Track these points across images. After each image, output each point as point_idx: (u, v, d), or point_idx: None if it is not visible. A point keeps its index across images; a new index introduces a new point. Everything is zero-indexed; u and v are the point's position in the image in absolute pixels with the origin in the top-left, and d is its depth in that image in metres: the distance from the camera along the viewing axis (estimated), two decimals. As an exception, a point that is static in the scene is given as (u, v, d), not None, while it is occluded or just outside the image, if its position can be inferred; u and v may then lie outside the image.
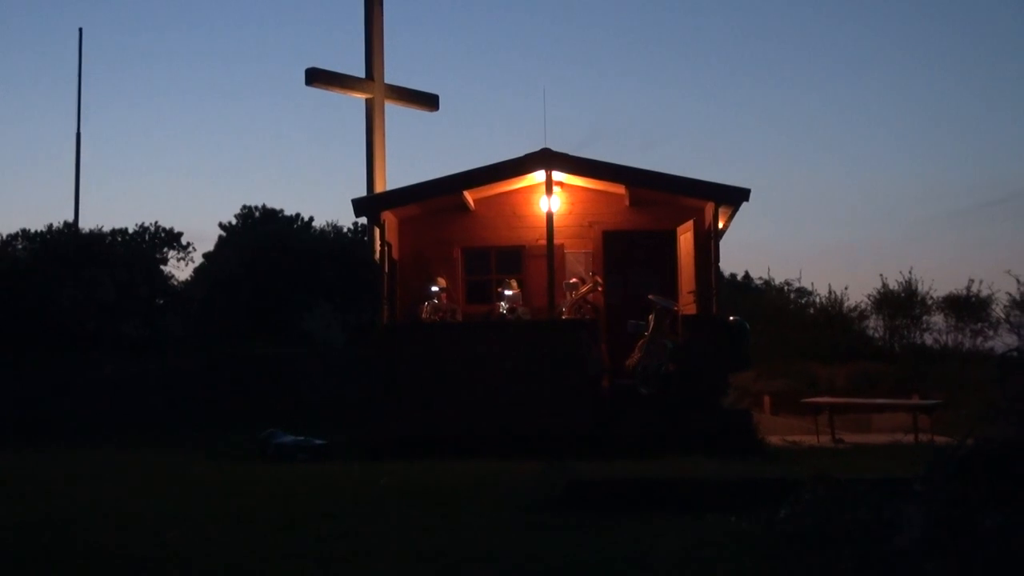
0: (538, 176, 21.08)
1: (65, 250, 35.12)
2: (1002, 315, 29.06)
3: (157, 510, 12.03)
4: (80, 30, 40.77)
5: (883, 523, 8.50)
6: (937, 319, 29.25)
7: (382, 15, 24.26)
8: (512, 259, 21.99)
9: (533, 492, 12.09)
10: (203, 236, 48.98)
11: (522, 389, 18.72)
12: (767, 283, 33.11)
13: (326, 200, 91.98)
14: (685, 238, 21.52)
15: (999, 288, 29.53)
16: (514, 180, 21.50)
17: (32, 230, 36.58)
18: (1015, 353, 28.06)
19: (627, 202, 21.78)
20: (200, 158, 66.64)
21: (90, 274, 33.06)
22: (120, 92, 63.79)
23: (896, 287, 29.39)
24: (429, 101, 25.11)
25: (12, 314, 31.83)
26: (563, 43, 65.87)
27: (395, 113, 24.60)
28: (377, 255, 21.66)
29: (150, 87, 65.58)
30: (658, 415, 18.67)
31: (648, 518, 10.20)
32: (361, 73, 23.97)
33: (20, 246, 35.70)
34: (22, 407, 26.07)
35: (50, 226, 37.05)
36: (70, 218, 37.82)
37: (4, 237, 35.75)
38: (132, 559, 8.94)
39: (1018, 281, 29.10)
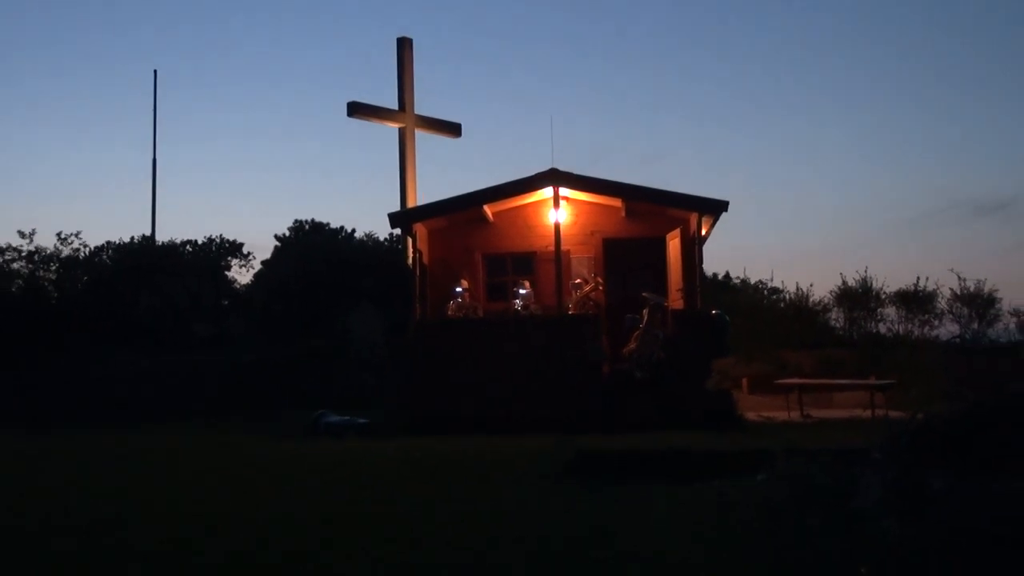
0: (547, 192, 21.17)
1: (143, 259, 35.19)
2: (946, 307, 28.97)
3: (245, 477, 12.11)
4: (155, 72, 40.88)
5: (846, 487, 8.49)
6: (890, 311, 29.12)
7: (412, 57, 24.32)
8: (525, 263, 22.02)
9: (547, 463, 12.11)
10: (261, 246, 49.24)
11: (535, 375, 18.73)
12: (744, 282, 33.06)
13: (365, 214, 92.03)
14: (673, 243, 21.55)
15: (943, 284, 29.47)
16: (526, 195, 21.56)
17: (116, 242, 36.63)
18: (957, 340, 28.15)
19: (623, 213, 21.82)
20: (258, 178, 66.75)
21: (165, 280, 33.14)
22: (190, 123, 63.83)
23: (854, 284, 29.29)
24: (453, 129, 25.13)
25: (99, 314, 31.93)
26: (570, 71, 65.77)
27: (422, 138, 24.61)
28: (410, 261, 21.72)
29: (216, 119, 65.63)
30: (651, 396, 18.67)
31: (644, 484, 10.21)
32: (394, 105, 24.00)
33: (106, 256, 35.74)
34: (110, 394, 26.14)
35: (131, 239, 37.12)
36: (148, 232, 37.93)
37: (92, 249, 35.77)
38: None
39: (959, 278, 29.15)
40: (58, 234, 35.25)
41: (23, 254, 34.40)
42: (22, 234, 34.45)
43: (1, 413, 24.94)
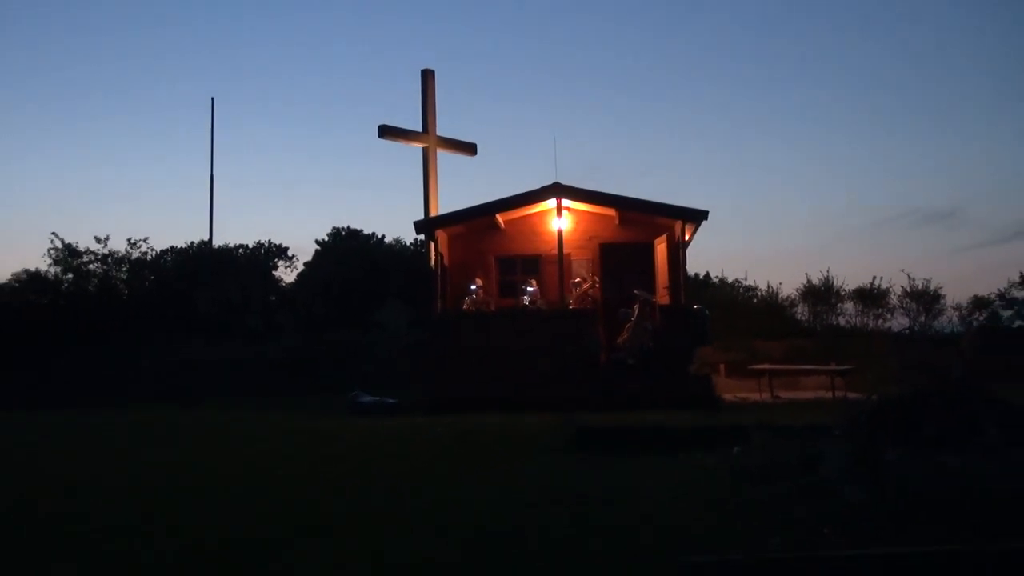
0: (550, 203, 21.19)
1: (202, 261, 35.27)
2: (897, 303, 29.01)
3: (287, 448, 12.16)
4: (212, 99, 41.05)
5: (811, 458, 8.50)
6: (848, 306, 29.14)
7: (434, 86, 24.31)
8: (532, 264, 22.03)
9: (551, 438, 12.12)
10: (304, 249, 49.19)
11: (541, 361, 18.75)
12: (722, 280, 32.98)
13: (393, 221, 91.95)
14: (661, 247, 21.56)
15: (895, 283, 29.49)
16: (533, 206, 21.59)
17: (178, 246, 36.70)
18: (907, 332, 28.09)
19: (617, 221, 21.84)
20: (302, 190, 66.81)
21: (220, 279, 33.21)
22: (243, 141, 64.00)
23: (817, 282, 29.31)
24: (470, 148, 25.11)
25: (163, 309, 32.03)
26: (571, 96, 65.74)
27: (442, 155, 24.59)
28: (432, 262, 21.73)
29: (266, 138, 65.74)
30: (642, 379, 18.68)
31: (637, 455, 10.22)
32: (418, 127, 24.00)
33: (169, 258, 35.81)
34: (172, 378, 26.23)
35: (191, 243, 37.19)
36: (206, 237, 38.02)
37: (158, 252, 35.85)
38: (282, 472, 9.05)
39: (909, 277, 29.19)
40: (129, 239, 35.36)
41: (99, 256, 34.51)
42: (98, 239, 34.61)
43: (83, 394, 25.05)
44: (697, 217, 20.49)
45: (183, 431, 15.67)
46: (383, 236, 39.14)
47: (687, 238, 21.08)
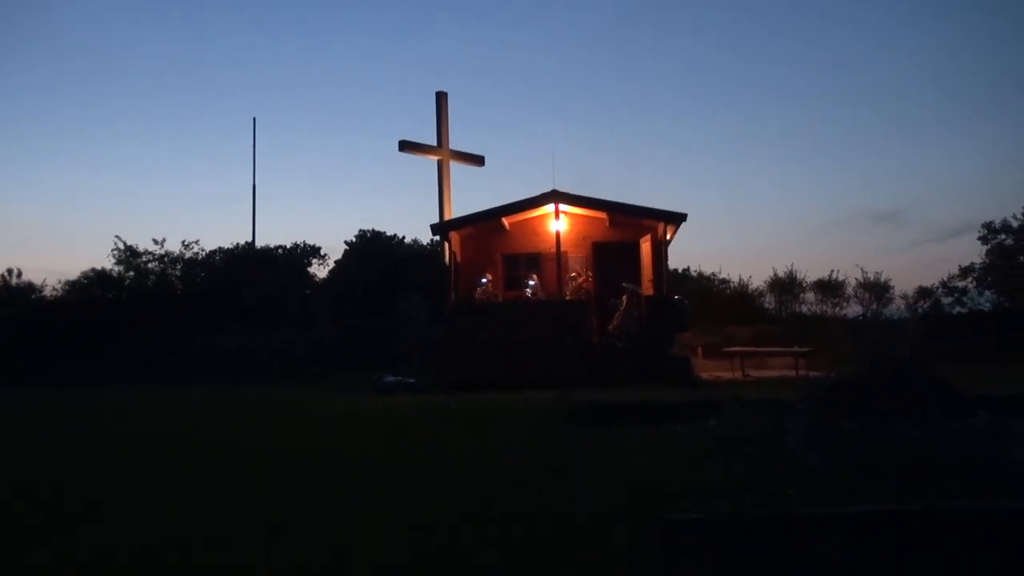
0: (549, 208, 21.22)
1: (247, 260, 35.32)
2: (852, 293, 29.05)
3: (328, 424, 12.22)
4: (254, 119, 41.17)
5: (776, 429, 8.53)
6: (809, 295, 29.21)
7: (447, 106, 24.30)
8: (534, 261, 22.06)
9: (550, 412, 12.15)
10: (334, 249, 49.21)
11: (541, 345, 18.78)
12: (699, 274, 32.98)
13: (412, 224, 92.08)
14: (645, 246, 21.57)
15: (850, 275, 29.55)
16: (534, 210, 21.59)
17: (225, 247, 36.77)
18: (860, 318, 28.06)
19: (608, 223, 21.85)
20: (332, 197, 66.81)
21: (262, 275, 33.27)
22: (281, 153, 64.03)
23: (783, 275, 29.34)
24: (479, 160, 25.08)
25: (213, 303, 32.10)
26: (568, 108, 65.69)
27: (455, 166, 24.57)
28: (446, 260, 21.75)
29: (300, 150, 65.77)
30: (629, 361, 18.71)
31: (625, 427, 10.25)
32: (433, 142, 24.00)
33: (218, 258, 35.87)
34: (220, 361, 26.31)
35: (236, 244, 37.24)
36: (249, 238, 38.07)
37: (208, 252, 35.92)
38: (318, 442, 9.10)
39: (862, 271, 29.27)
40: (183, 241, 35.44)
41: (156, 256, 34.60)
42: (155, 241, 34.70)
43: (142, 376, 25.14)
44: (677, 219, 20.53)
45: (239, 406, 15.74)
46: (403, 237, 39.18)
47: (669, 237, 21.09)
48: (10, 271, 33.43)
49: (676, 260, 36.05)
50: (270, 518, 6.04)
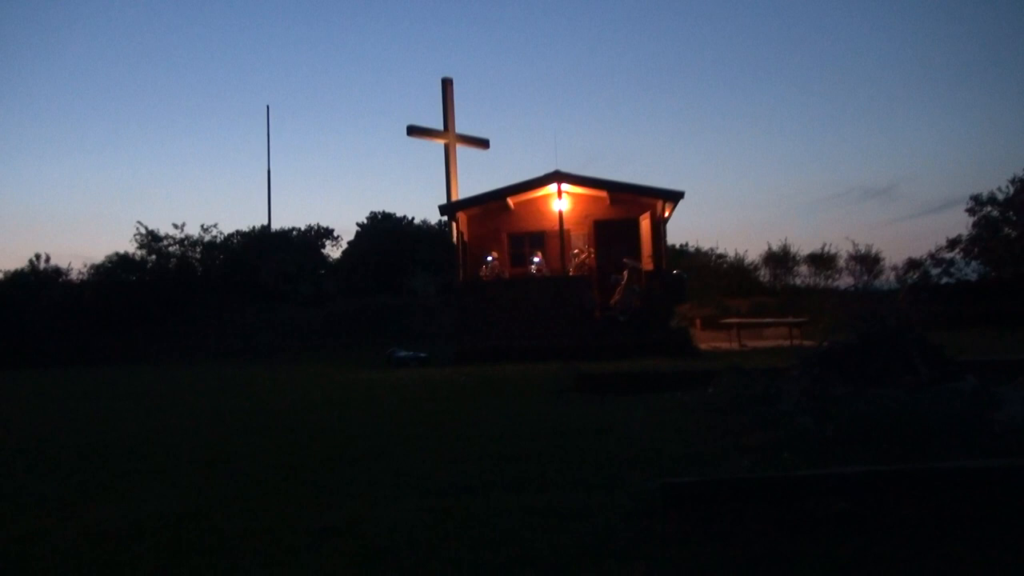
0: (552, 187, 21.19)
1: (263, 242, 35.37)
2: (843, 265, 29.02)
3: (344, 395, 12.27)
4: (268, 107, 41.01)
5: (772, 395, 8.55)
6: (803, 268, 29.17)
7: (453, 92, 24.25)
8: (538, 239, 22.05)
9: (556, 381, 12.19)
10: (347, 230, 49.24)
11: (547, 319, 18.81)
12: (697, 249, 32.93)
13: (421, 205, 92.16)
14: (645, 223, 21.54)
15: (842, 248, 29.56)
16: (538, 190, 21.57)
17: (243, 230, 36.82)
18: (852, 289, 28.03)
19: (608, 202, 21.81)
20: (344, 180, 66.82)
21: (278, 255, 33.31)
22: (295, 139, 63.96)
23: (777, 249, 29.28)
24: (484, 143, 25.07)
25: (232, 284, 32.19)
26: (569, 92, 65.48)
27: (461, 149, 24.54)
28: (454, 239, 21.77)
29: (313, 136, 65.69)
30: (631, 333, 18.73)
31: (626, 395, 10.28)
32: (440, 126, 23.96)
33: (236, 240, 35.93)
34: (241, 339, 26.39)
35: (253, 227, 37.32)
36: (265, 221, 38.23)
37: (226, 235, 35.99)
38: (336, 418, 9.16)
39: (853, 244, 29.26)
40: (202, 225, 35.64)
41: (177, 240, 34.70)
42: (175, 225, 34.88)
43: (165, 352, 25.23)
44: (675, 197, 20.50)
45: (263, 380, 15.85)
46: (412, 218, 39.20)
47: (667, 215, 21.07)
48: (38, 256, 33.58)
49: (675, 236, 36.07)
50: (332, 468, 6.12)
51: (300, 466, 6.76)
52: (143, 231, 34.31)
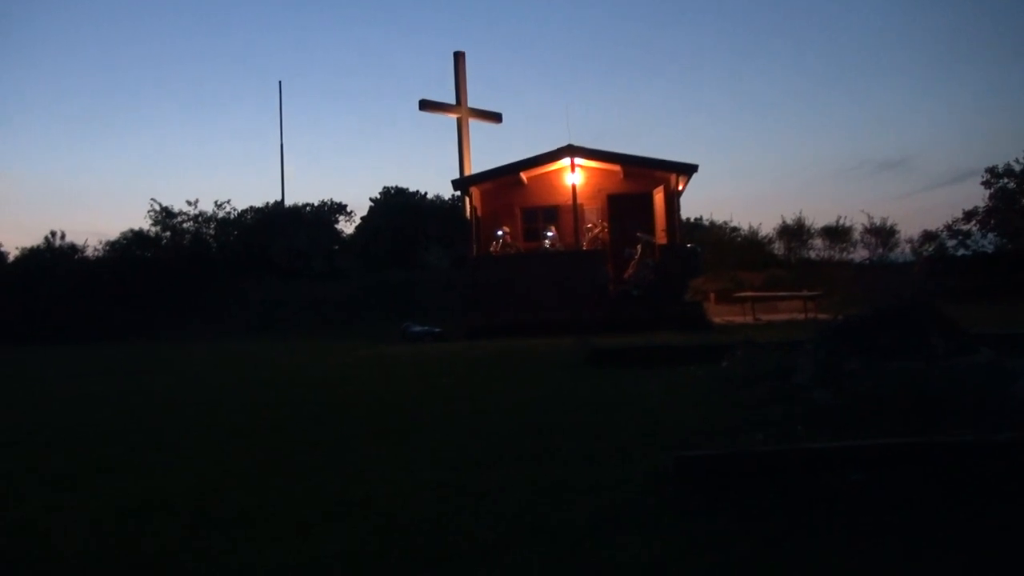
0: (565, 161, 21.14)
1: (277, 218, 35.43)
2: (858, 238, 28.91)
3: (359, 371, 12.33)
4: (280, 82, 40.89)
5: (786, 369, 8.54)
6: (817, 241, 29.06)
7: (465, 65, 24.13)
8: (551, 213, 22.02)
9: (570, 356, 12.20)
10: (360, 205, 49.21)
11: (560, 293, 18.82)
12: (711, 222, 32.80)
13: (435, 180, 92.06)
14: (658, 196, 21.48)
15: (856, 221, 29.41)
16: (551, 164, 21.52)
17: (256, 206, 36.88)
18: (867, 262, 27.91)
19: (622, 175, 21.75)
20: (357, 155, 66.77)
21: (291, 231, 33.38)
22: (307, 117, 63.96)
23: (791, 222, 29.16)
24: (496, 117, 24.99)
25: (245, 258, 32.31)
26: (582, 63, 65.07)
27: (473, 123, 24.46)
28: (467, 214, 21.77)
29: (325, 111, 65.64)
30: (644, 307, 18.72)
31: (641, 369, 10.28)
32: (452, 100, 23.88)
33: (249, 216, 35.99)
34: (257, 316, 26.52)
35: (267, 203, 37.34)
36: (279, 197, 38.18)
37: (239, 211, 36.04)
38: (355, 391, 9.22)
39: (868, 216, 29.06)
40: (215, 201, 35.70)
41: (191, 216, 34.80)
42: (189, 202, 34.93)
43: (180, 329, 25.39)
44: (689, 170, 20.42)
45: (277, 355, 15.94)
46: (426, 193, 39.13)
47: (681, 188, 20.99)
48: (53, 233, 33.73)
49: (688, 209, 35.88)
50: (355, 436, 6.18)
51: (316, 441, 6.81)
52: (157, 208, 34.42)
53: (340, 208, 38.55)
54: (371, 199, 39.01)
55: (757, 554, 3.77)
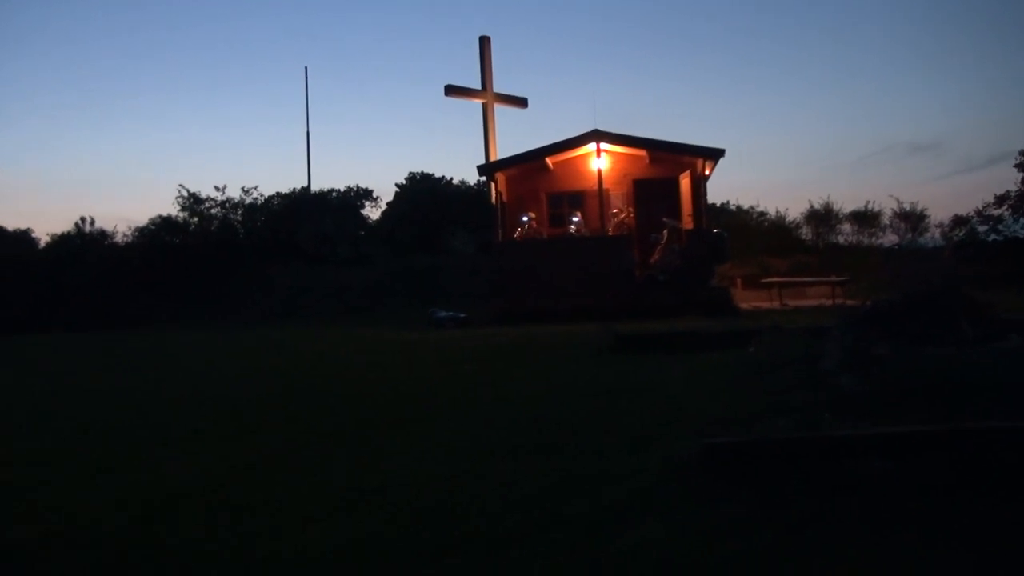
0: (591, 146, 21.06)
1: (303, 204, 35.57)
2: (887, 223, 28.62)
3: (382, 357, 12.37)
4: (306, 68, 40.95)
5: (813, 355, 8.45)
6: (845, 226, 28.79)
7: (491, 50, 24.02)
8: (577, 199, 21.94)
9: (594, 342, 12.15)
10: (386, 191, 49.20)
11: (585, 279, 18.76)
12: (738, 207, 32.60)
13: (460, 165, 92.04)
14: (685, 181, 21.34)
15: (885, 206, 29.13)
16: (576, 149, 21.45)
17: (283, 192, 37.06)
18: (895, 247, 27.65)
19: (648, 160, 21.63)
20: (383, 141, 66.95)
21: (317, 217, 33.51)
22: (333, 102, 64.16)
23: (819, 207, 28.92)
24: (522, 102, 24.87)
25: (272, 243, 32.49)
26: (608, 47, 64.79)
27: (499, 108, 24.37)
28: (493, 199, 21.73)
29: (351, 97, 65.79)
30: (670, 293, 18.63)
31: (666, 355, 10.22)
32: (478, 85, 23.80)
33: (276, 202, 36.17)
34: (284, 301, 26.65)
35: (293, 189, 37.51)
36: (305, 183, 38.30)
37: (266, 197, 36.24)
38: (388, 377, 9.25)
39: (897, 201, 28.75)
40: (243, 187, 35.87)
41: (218, 203, 35.03)
42: (217, 188, 35.19)
43: (208, 315, 25.57)
44: (715, 155, 20.27)
45: (303, 341, 16.02)
46: (451, 178, 39.13)
47: (707, 173, 20.85)
48: (83, 219, 34.10)
49: (715, 194, 35.68)
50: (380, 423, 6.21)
51: (337, 430, 6.83)
52: (185, 194, 34.68)
53: (366, 194, 38.65)
54: (397, 185, 39.12)
55: (780, 541, 3.73)
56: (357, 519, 4.37)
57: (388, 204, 38.42)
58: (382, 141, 67.41)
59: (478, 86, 23.87)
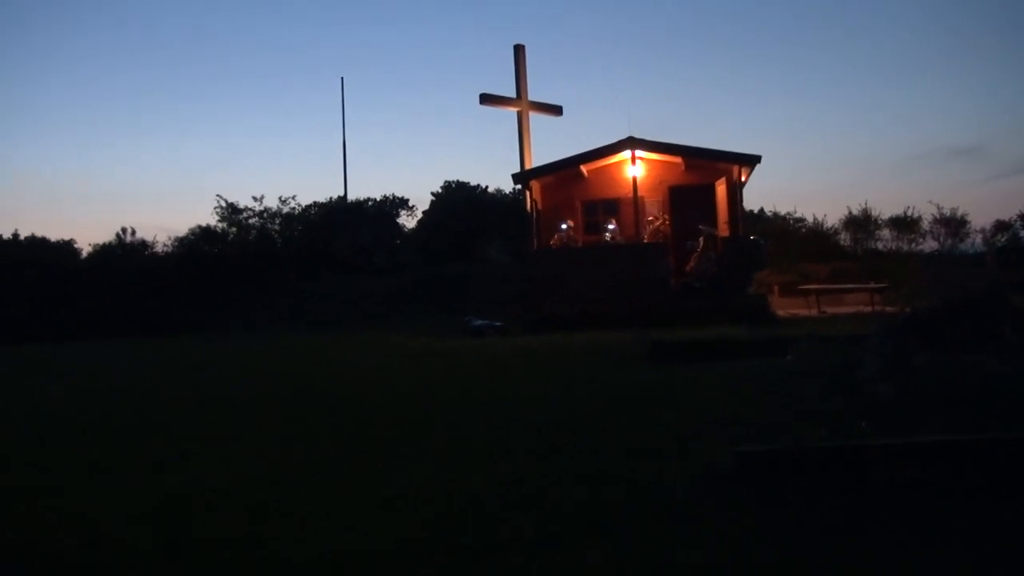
0: (626, 154, 21.05)
1: (340, 213, 35.86)
2: (927, 228, 28.30)
3: (412, 366, 12.47)
4: (342, 78, 41.28)
5: (851, 362, 8.42)
6: (885, 232, 28.52)
7: (525, 59, 24.09)
8: (612, 206, 21.91)
9: (631, 350, 12.17)
10: (422, 199, 49.41)
11: (620, 287, 18.73)
12: (775, 214, 32.38)
13: (495, 173, 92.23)
14: (721, 188, 21.27)
15: (925, 211, 28.80)
16: (611, 157, 21.44)
17: (320, 201, 37.37)
18: (936, 253, 27.30)
19: (683, 167, 21.56)
20: (419, 150, 67.28)
21: (354, 226, 33.76)
22: (369, 113, 64.66)
23: (857, 213, 28.68)
24: (557, 110, 24.89)
25: (310, 251, 32.79)
26: (643, 54, 64.66)
27: (534, 116, 24.42)
28: (528, 207, 21.79)
29: (388, 107, 66.22)
30: (707, 300, 18.55)
31: (702, 363, 10.22)
32: (512, 94, 23.88)
33: (313, 211, 36.49)
34: (322, 309, 26.86)
35: (330, 198, 37.79)
36: (341, 193, 38.58)
37: (303, 207, 36.56)
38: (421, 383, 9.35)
39: (937, 207, 28.44)
40: (280, 197, 36.20)
41: (256, 212, 35.43)
42: (255, 198, 35.61)
43: (246, 323, 25.85)
44: (752, 161, 20.21)
45: (340, 350, 16.18)
46: (486, 187, 39.20)
47: (744, 179, 20.77)
48: (124, 230, 34.66)
49: (751, 201, 35.34)
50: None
51: (372, 435, 6.92)
52: (223, 204, 35.11)
53: (402, 203, 38.85)
54: (432, 193, 39.23)
55: (813, 550, 3.75)
56: (388, 522, 4.44)
57: (424, 213, 38.61)
58: (418, 150, 67.78)
59: (513, 95, 23.95)
